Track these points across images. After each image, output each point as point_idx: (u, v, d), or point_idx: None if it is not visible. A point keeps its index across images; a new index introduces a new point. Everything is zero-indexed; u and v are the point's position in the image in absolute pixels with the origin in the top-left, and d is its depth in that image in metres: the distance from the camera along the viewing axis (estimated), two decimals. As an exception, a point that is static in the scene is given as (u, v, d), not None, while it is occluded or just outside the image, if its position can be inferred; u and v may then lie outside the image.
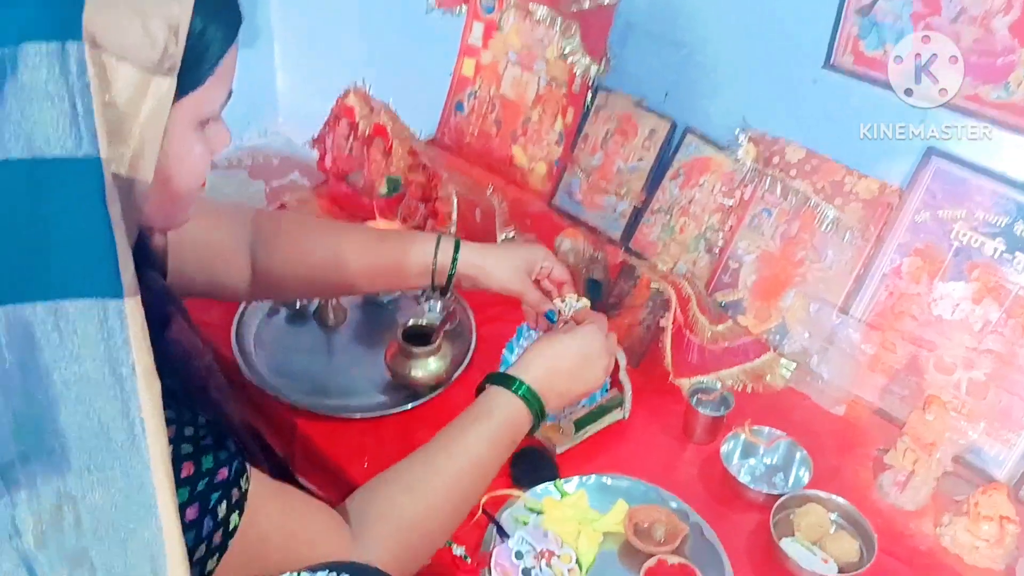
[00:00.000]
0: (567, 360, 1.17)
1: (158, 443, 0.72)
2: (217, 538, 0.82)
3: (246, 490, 0.86)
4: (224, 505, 0.83)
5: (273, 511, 0.90)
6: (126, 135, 0.74)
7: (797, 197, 1.56)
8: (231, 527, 0.83)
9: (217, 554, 0.82)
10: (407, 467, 1.05)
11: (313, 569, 0.78)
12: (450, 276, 1.30)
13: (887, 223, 1.47)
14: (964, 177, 1.40)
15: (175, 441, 0.77)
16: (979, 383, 1.39)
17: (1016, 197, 1.35)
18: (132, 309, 0.71)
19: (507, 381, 1.12)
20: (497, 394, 1.11)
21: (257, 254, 1.27)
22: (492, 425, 1.09)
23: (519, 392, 1.11)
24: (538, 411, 1.12)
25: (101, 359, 0.70)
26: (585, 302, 1.31)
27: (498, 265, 1.31)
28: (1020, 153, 1.33)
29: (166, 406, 0.74)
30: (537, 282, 1.34)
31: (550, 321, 1.34)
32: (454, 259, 1.29)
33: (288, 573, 0.78)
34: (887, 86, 1.43)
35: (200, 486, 0.80)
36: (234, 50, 0.83)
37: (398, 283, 1.35)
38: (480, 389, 1.14)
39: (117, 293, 0.70)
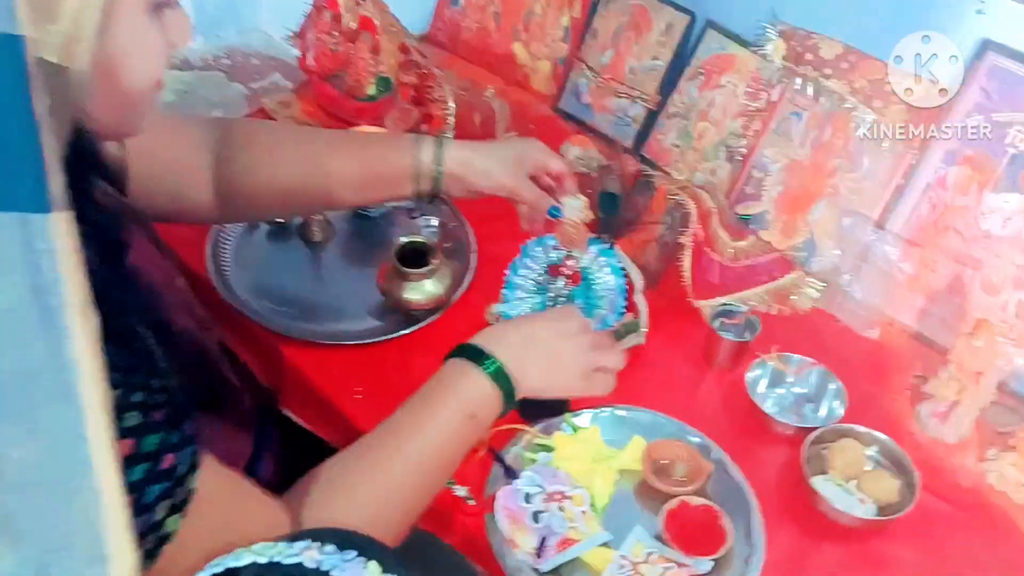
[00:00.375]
0: (545, 338, 1.01)
1: (94, 389, 0.58)
2: (148, 542, 0.69)
3: (192, 490, 0.73)
4: (164, 505, 0.70)
5: (218, 518, 0.77)
6: (56, 11, 0.63)
7: (831, 99, 1.40)
8: (166, 531, 0.70)
9: (145, 561, 0.69)
10: (356, 458, 0.92)
11: (293, 537, 0.66)
12: (435, 178, 1.15)
13: (933, 127, 1.33)
14: (1022, 75, 1.24)
15: (119, 409, 0.64)
16: (1029, 304, 1.27)
17: (1085, 98, 1.20)
18: (61, 226, 0.57)
19: (477, 356, 0.97)
20: (464, 372, 0.96)
21: (224, 169, 1.12)
22: (455, 409, 0.95)
23: (489, 370, 0.96)
24: (508, 393, 0.97)
25: (23, 288, 0.56)
26: (583, 200, 1.17)
27: (488, 159, 1.16)
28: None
29: (116, 355, 0.61)
30: (535, 180, 1.20)
31: (554, 218, 1.20)
32: (438, 158, 1.14)
33: (265, 542, 0.66)
34: (939, -30, 1.27)
35: (138, 472, 0.67)
36: None
37: (383, 192, 1.19)
38: (448, 357, 0.99)
39: (41, 206, 0.56)
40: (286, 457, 1.19)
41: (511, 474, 1.10)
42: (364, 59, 1.54)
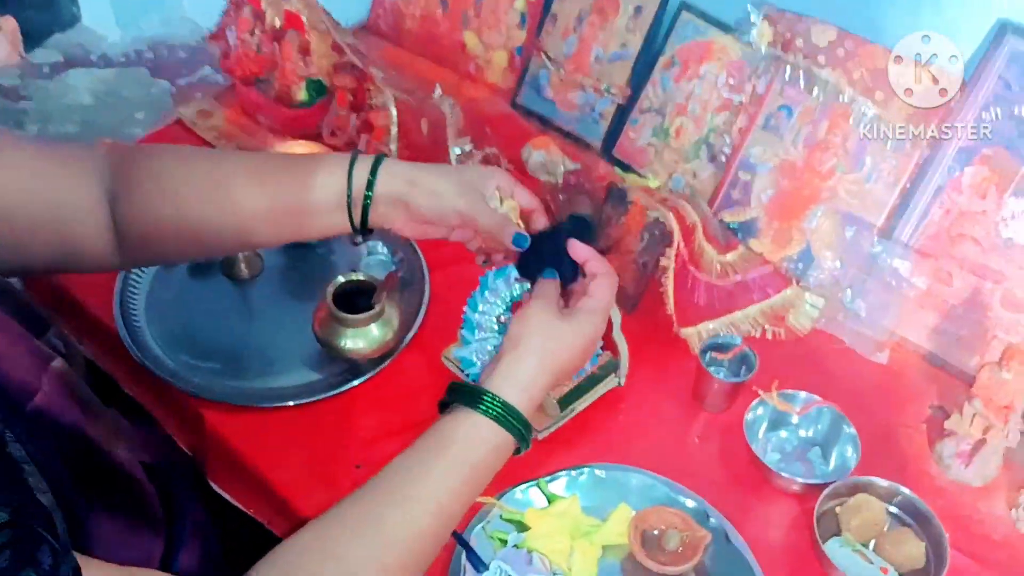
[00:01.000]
0: (567, 356, 0.85)
1: None
2: None
3: None
4: None
5: None
6: None
7: (826, 90, 1.23)
8: None
9: None
10: (342, 523, 0.74)
11: None
12: (366, 204, 0.92)
13: (944, 122, 1.16)
14: (1051, 61, 1.08)
15: None
16: (1059, 322, 1.12)
17: (1123, 87, 1.04)
18: None
19: (474, 398, 0.79)
20: (460, 421, 0.79)
21: (120, 207, 0.91)
22: (453, 462, 0.77)
23: (491, 413, 0.78)
24: (521, 429, 0.80)
25: None
26: (513, 204, 0.98)
27: (439, 180, 0.93)
28: None
29: None
30: None
31: (519, 248, 0.97)
32: (370, 181, 0.91)
33: None
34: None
35: None
36: None
37: (309, 227, 0.96)
38: (444, 405, 0.82)
39: None
40: (213, 541, 1.02)
41: (478, 563, 0.94)
42: (292, 61, 1.34)
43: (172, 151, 1.01)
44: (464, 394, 0.80)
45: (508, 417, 0.78)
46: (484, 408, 0.78)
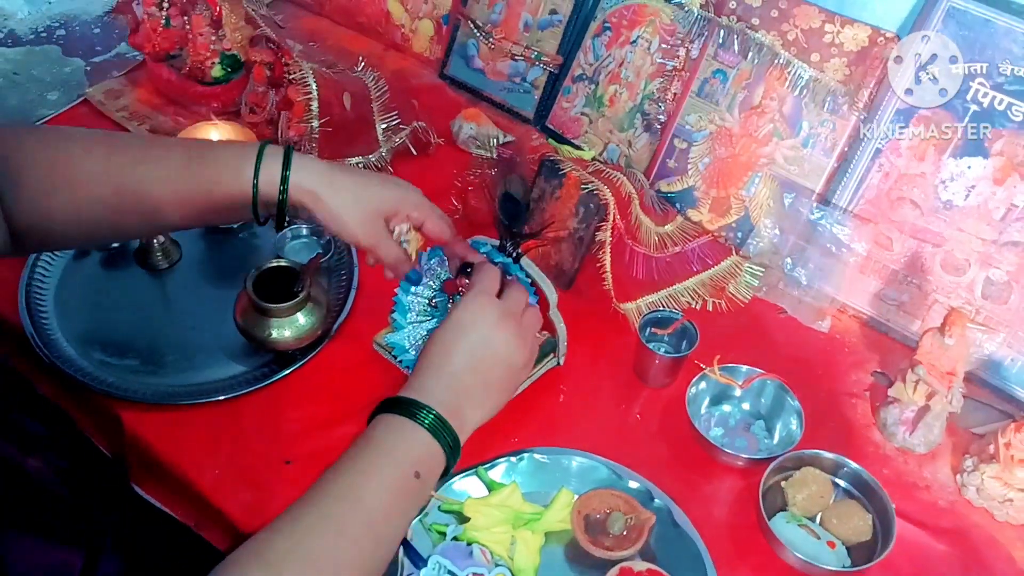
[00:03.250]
0: (484, 366, 0.82)
1: None
2: None
3: None
4: None
5: None
6: None
7: (760, 53, 1.20)
8: None
9: None
10: (284, 538, 0.69)
11: None
12: (281, 204, 0.88)
13: (881, 84, 1.14)
14: (987, 17, 1.06)
15: None
16: (999, 283, 1.11)
17: (1058, 43, 1.02)
18: None
19: (409, 408, 0.77)
20: (397, 428, 0.76)
21: (10, 193, 0.85)
22: (394, 470, 0.74)
23: (425, 423, 0.76)
24: (451, 445, 0.78)
25: None
26: (417, 236, 0.95)
27: (345, 203, 0.90)
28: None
29: None
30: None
31: (412, 284, 0.99)
32: (284, 179, 0.88)
33: None
34: None
35: None
36: None
37: (219, 217, 0.94)
38: (373, 415, 0.78)
39: None
40: (138, 548, 0.96)
41: (417, 559, 0.90)
42: (204, 35, 1.27)
43: (65, 133, 0.94)
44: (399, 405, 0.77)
45: (430, 415, 0.77)
46: (421, 418, 0.76)
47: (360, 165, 1.28)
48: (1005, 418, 1.08)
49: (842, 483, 1.00)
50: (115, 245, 1.17)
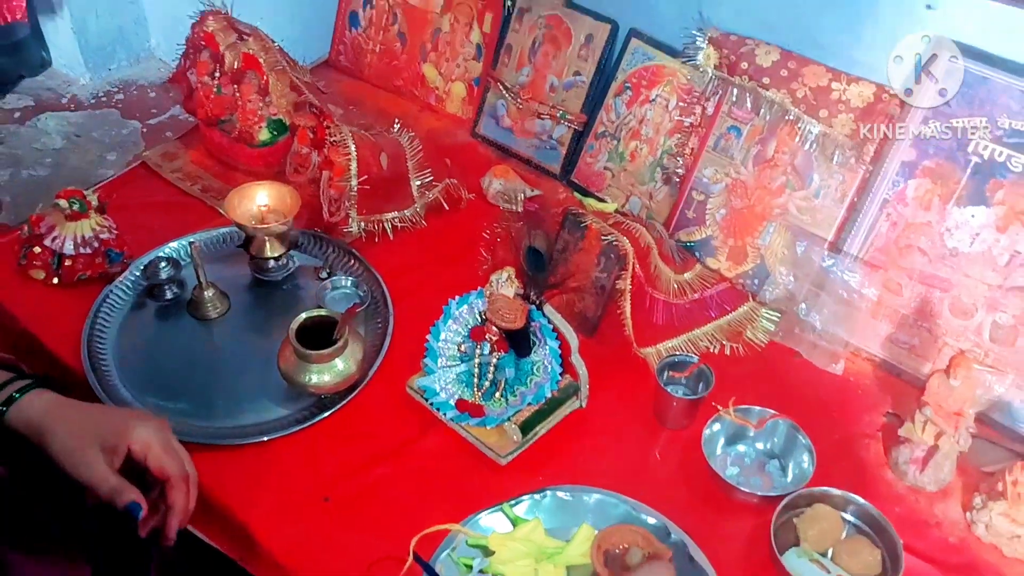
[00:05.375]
0: None
1: None
2: None
3: None
4: None
5: None
6: None
7: (772, 110, 1.27)
8: None
9: None
10: None
11: None
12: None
13: (886, 138, 1.19)
14: (984, 75, 1.11)
15: None
16: (1006, 327, 1.15)
17: (1052, 98, 1.08)
18: None
19: None
20: None
21: None
22: None
23: None
24: None
25: None
26: (509, 271, 1.01)
27: (66, 426, 0.89)
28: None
29: None
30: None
31: (133, 516, 0.88)
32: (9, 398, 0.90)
33: None
34: (881, -37, 1.14)
35: None
36: None
37: None
38: None
39: None
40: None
41: (443, 588, 0.96)
42: (252, 101, 1.37)
43: None
44: None
45: None
46: None
47: (396, 220, 1.37)
48: (1016, 457, 1.11)
49: (852, 519, 1.04)
50: (169, 297, 1.26)
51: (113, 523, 0.95)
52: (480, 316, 1.14)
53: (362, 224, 1.33)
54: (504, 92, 1.51)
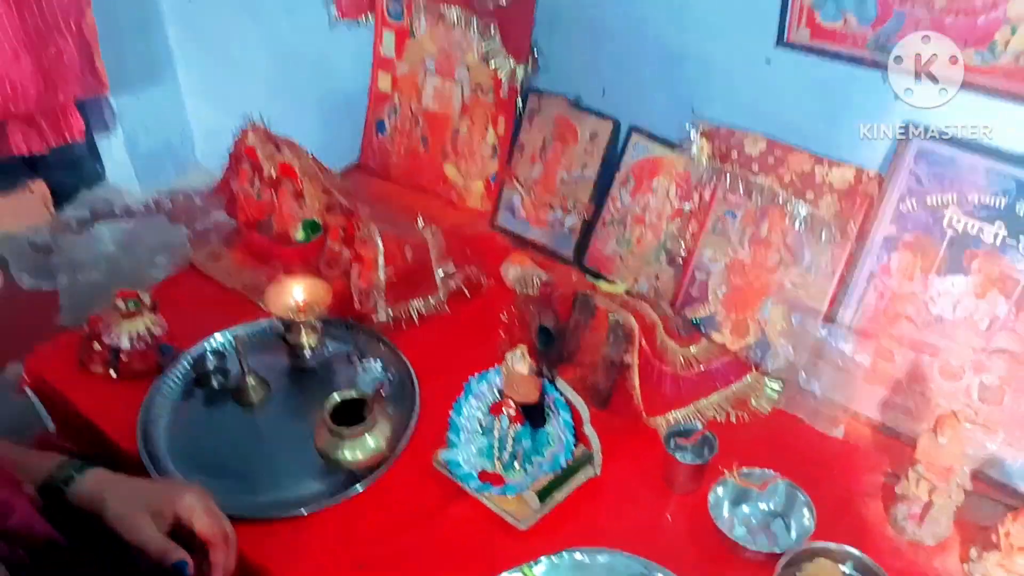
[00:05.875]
0: None
1: None
2: None
3: None
4: None
5: None
6: None
7: (763, 194, 1.37)
8: None
9: None
10: None
11: None
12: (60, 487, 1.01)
13: (868, 215, 1.29)
14: (952, 155, 1.22)
15: None
16: (992, 387, 1.22)
17: (1015, 173, 1.17)
18: None
19: None
20: None
21: None
22: None
23: None
24: None
25: None
26: (521, 348, 1.10)
27: (119, 496, 1.01)
28: (1014, 122, 1.15)
29: None
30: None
31: (181, 573, 0.99)
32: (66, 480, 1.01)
33: None
34: (852, 60, 1.25)
35: None
36: None
37: None
38: None
39: None
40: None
41: (466, 645, 1.03)
42: (289, 205, 1.51)
43: None
44: None
45: None
46: None
47: (421, 307, 1.48)
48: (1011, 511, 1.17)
49: (850, 572, 1.11)
50: (215, 385, 1.38)
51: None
52: (498, 392, 1.24)
53: (390, 312, 1.45)
54: (519, 186, 1.64)
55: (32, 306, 1.97)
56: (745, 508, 1.21)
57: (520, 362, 1.19)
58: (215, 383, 1.38)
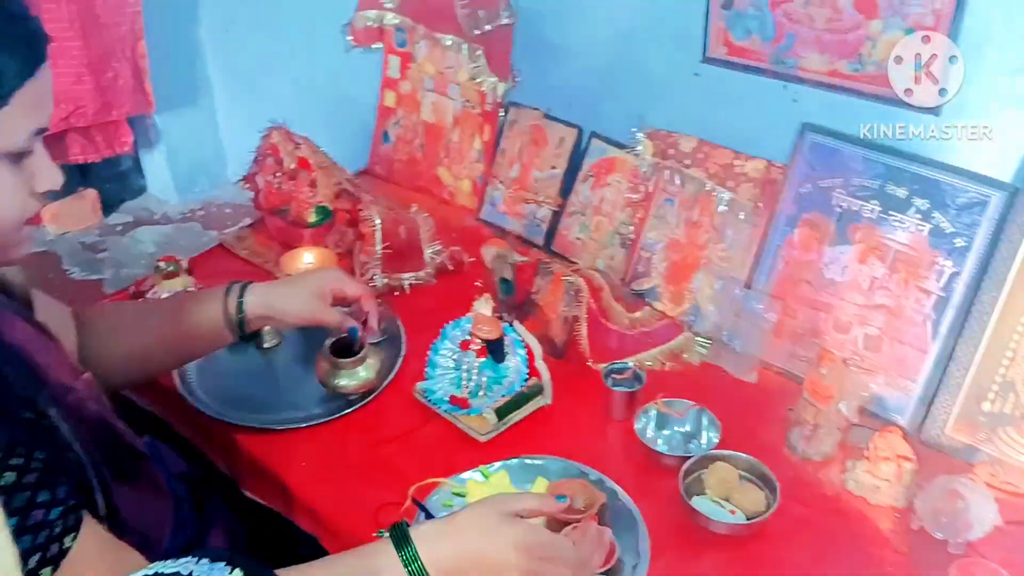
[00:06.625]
0: (486, 560, 0.96)
1: None
2: None
3: (67, 548, 0.80)
4: (35, 558, 0.77)
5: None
6: None
7: (694, 184, 1.66)
8: None
9: None
10: None
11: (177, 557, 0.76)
12: (240, 323, 1.33)
13: (776, 198, 1.57)
14: (836, 147, 1.50)
15: None
16: (874, 337, 1.48)
17: (882, 159, 1.45)
18: None
19: (404, 543, 0.93)
20: (385, 553, 0.93)
21: (83, 354, 1.22)
22: None
23: (409, 566, 0.92)
24: None
25: None
26: (486, 296, 1.39)
27: (287, 301, 1.35)
28: (879, 118, 1.43)
29: None
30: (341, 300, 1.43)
31: (352, 338, 1.44)
32: (241, 306, 1.32)
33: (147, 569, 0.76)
34: (759, 71, 1.54)
35: (11, 523, 0.75)
36: (37, 84, 0.85)
37: (202, 346, 1.38)
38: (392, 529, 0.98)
39: None
40: (240, 533, 1.38)
41: (431, 517, 1.29)
42: (304, 192, 1.81)
43: (114, 307, 1.47)
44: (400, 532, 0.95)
45: (416, 562, 0.92)
46: (405, 557, 0.92)
47: (412, 279, 1.77)
48: (885, 435, 1.42)
49: (745, 473, 1.36)
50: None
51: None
52: (468, 334, 1.51)
53: (385, 281, 1.74)
54: (499, 184, 1.94)
55: (81, 294, 2.26)
56: (666, 431, 1.47)
57: (484, 306, 1.46)
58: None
